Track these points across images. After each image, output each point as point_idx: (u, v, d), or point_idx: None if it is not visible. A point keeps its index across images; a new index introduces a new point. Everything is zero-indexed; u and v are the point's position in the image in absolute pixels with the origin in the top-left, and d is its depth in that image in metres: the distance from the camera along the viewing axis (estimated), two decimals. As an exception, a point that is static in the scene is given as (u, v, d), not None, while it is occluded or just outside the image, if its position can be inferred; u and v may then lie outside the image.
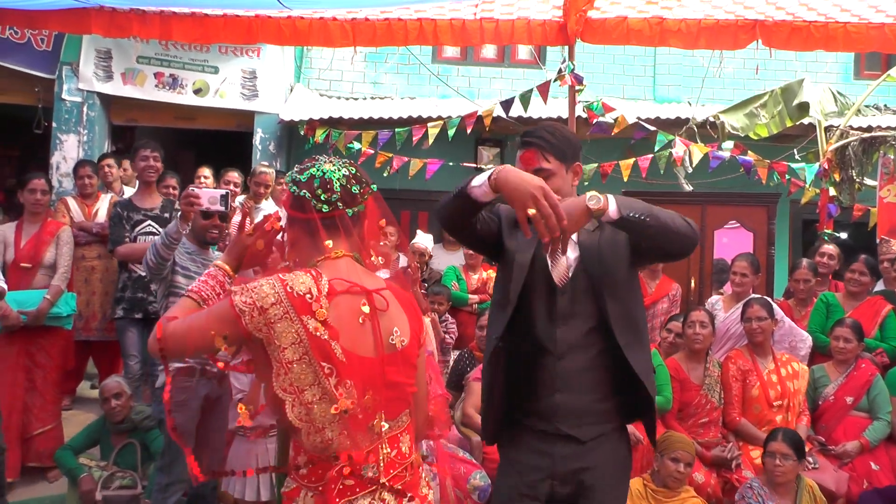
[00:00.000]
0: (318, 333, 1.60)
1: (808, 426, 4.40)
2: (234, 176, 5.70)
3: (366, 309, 1.69)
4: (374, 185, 1.81)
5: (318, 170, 1.74)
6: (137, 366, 4.98)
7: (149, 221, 4.95)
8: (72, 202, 5.55)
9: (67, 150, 7.49)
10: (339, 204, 1.72)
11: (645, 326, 2.42)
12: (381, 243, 1.85)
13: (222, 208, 3.43)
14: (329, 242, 1.72)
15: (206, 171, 6.08)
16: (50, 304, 4.64)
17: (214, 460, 3.67)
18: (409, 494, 1.72)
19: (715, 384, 4.39)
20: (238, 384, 3.57)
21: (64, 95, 7.51)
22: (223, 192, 3.43)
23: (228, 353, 1.63)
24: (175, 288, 3.68)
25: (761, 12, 4.95)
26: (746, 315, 4.47)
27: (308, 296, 1.61)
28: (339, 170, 1.74)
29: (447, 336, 5.41)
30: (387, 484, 1.67)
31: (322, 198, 1.71)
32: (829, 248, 5.42)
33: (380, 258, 1.81)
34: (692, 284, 5.73)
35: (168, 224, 4.91)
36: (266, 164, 6.64)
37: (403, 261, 4.56)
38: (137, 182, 5.28)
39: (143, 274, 4.91)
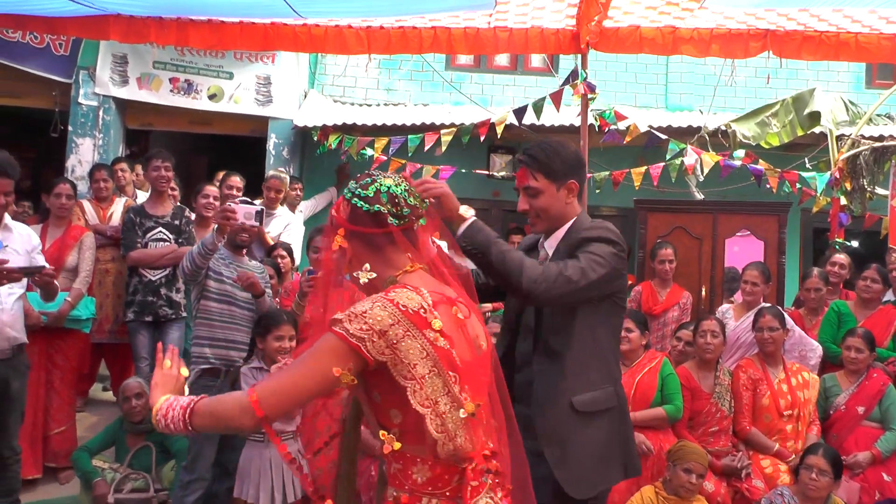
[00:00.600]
0: (440, 343, 1.63)
1: (819, 436, 4.38)
2: (236, 180, 5.67)
3: (460, 315, 1.71)
4: (427, 201, 1.86)
5: (381, 185, 1.76)
6: (148, 368, 5.04)
7: (160, 228, 5.10)
8: (87, 205, 5.61)
9: (83, 154, 7.55)
10: (412, 217, 1.77)
11: (583, 364, 2.34)
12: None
13: (256, 223, 3.75)
14: (408, 255, 1.75)
15: (221, 176, 6.14)
16: (70, 307, 4.70)
17: (231, 459, 3.74)
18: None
19: (725, 393, 4.39)
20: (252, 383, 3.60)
21: (80, 99, 7.57)
22: (258, 208, 3.71)
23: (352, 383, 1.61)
24: (207, 291, 3.87)
25: (772, 22, 4.97)
26: (758, 325, 4.47)
27: (422, 310, 1.63)
28: (399, 185, 1.78)
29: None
30: (492, 483, 1.68)
31: (393, 212, 1.74)
32: (840, 257, 5.41)
33: (445, 271, 1.82)
34: (703, 293, 5.73)
35: (178, 230, 5.08)
36: (281, 169, 6.69)
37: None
38: (150, 189, 5.37)
39: (153, 278, 5.03)
